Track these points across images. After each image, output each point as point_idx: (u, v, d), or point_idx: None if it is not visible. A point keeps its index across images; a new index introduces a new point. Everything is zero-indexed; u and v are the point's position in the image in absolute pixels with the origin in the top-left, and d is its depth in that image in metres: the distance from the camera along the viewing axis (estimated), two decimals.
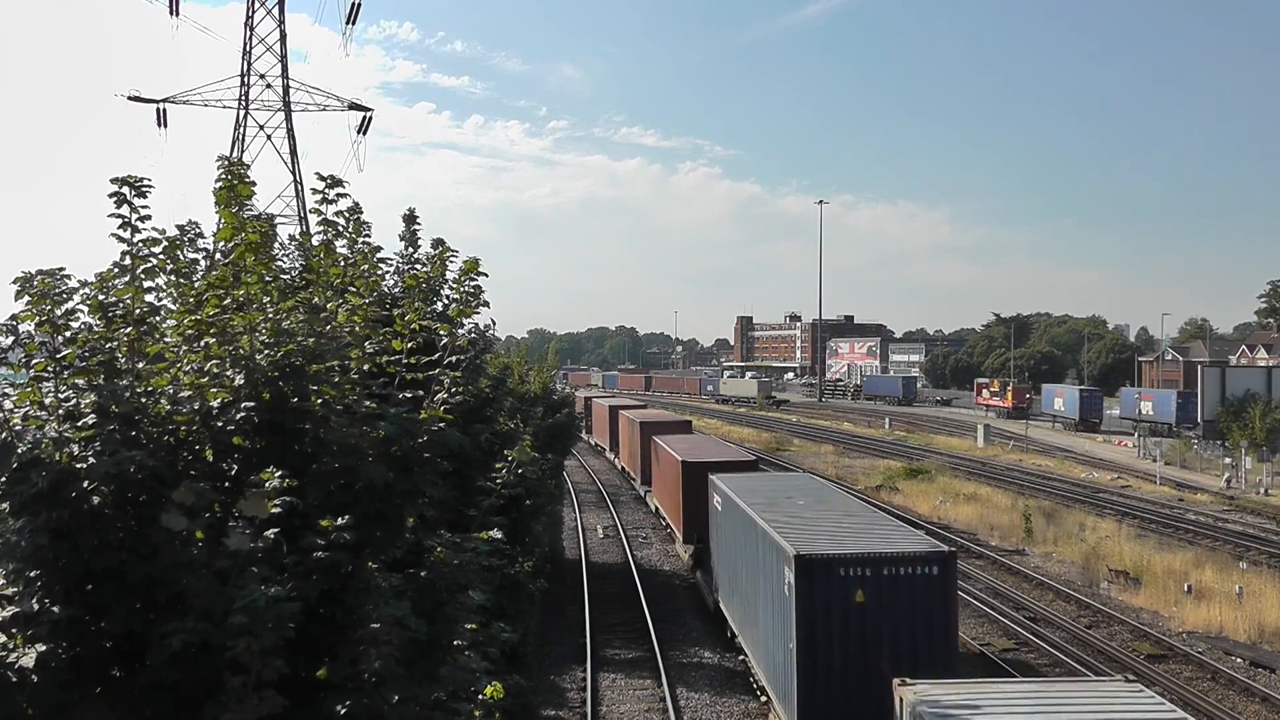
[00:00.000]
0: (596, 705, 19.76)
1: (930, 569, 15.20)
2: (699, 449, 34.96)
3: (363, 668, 5.16)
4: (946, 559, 15.37)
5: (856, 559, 15.30)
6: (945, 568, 15.29)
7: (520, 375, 27.24)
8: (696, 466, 30.35)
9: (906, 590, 15.09)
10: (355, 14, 62.74)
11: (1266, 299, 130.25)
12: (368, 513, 5.40)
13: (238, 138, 57.97)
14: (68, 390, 5.09)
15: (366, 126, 61.76)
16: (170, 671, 4.67)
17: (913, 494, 45.94)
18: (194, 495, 4.83)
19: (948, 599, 15.37)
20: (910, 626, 15.02)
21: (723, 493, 23.04)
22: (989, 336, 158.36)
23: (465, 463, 8.65)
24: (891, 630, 14.97)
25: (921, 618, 15.06)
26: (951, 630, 15.55)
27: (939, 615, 15.17)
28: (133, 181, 5.51)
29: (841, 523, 18.38)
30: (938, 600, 15.20)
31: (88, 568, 4.72)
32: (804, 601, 15.08)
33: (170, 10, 60.67)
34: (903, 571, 15.16)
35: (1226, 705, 19.90)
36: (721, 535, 23.59)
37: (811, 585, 15.09)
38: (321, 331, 5.78)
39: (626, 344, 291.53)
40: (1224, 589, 27.41)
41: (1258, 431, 59.92)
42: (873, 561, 15.24)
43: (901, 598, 15.07)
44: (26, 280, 5.19)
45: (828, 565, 15.19)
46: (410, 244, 9.15)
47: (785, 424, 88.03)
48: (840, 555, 15.39)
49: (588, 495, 48.54)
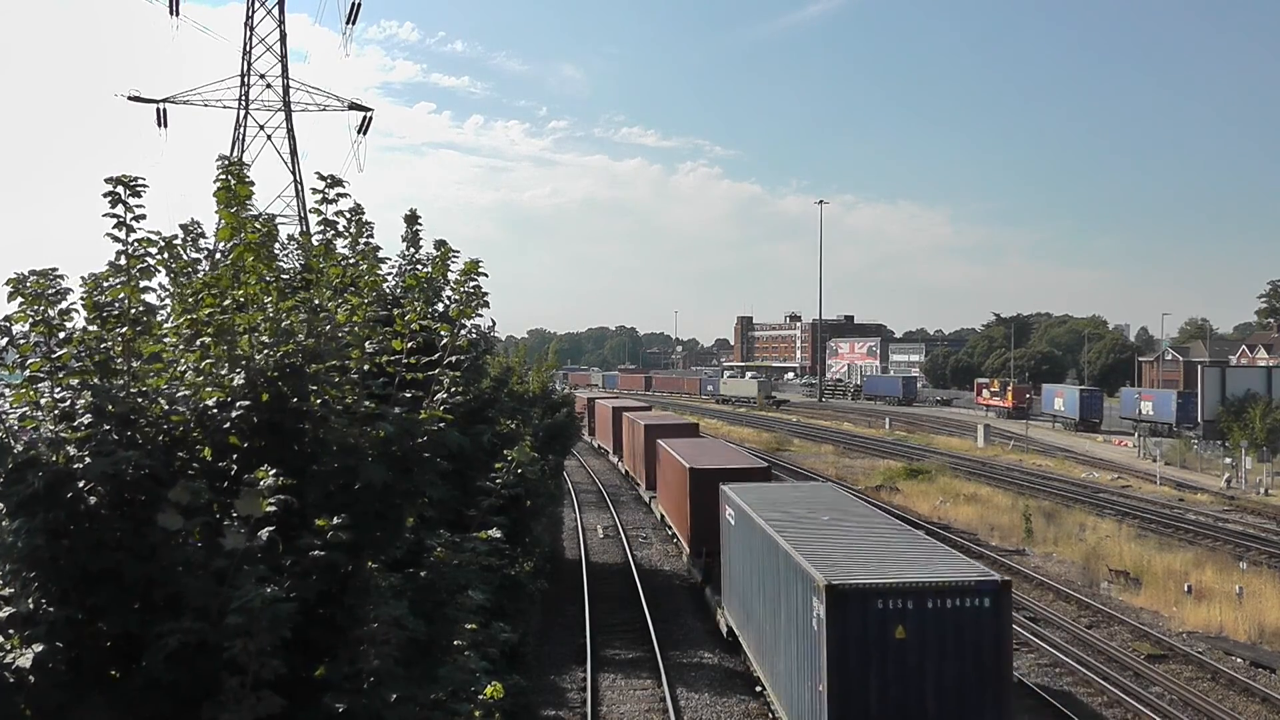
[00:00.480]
0: (596, 705, 19.74)
1: (981, 601, 13.68)
2: (708, 454, 32.87)
3: (361, 668, 5.14)
4: (1000, 590, 13.84)
5: (896, 589, 13.66)
6: (998, 600, 13.76)
7: (520, 376, 27.23)
8: (706, 474, 28.32)
9: (954, 625, 13.64)
10: (355, 14, 62.84)
11: (1266, 299, 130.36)
12: (367, 513, 5.40)
13: (238, 138, 58.03)
14: (63, 391, 5.07)
15: (366, 126, 61.85)
16: (168, 672, 4.66)
17: (913, 494, 45.94)
18: (191, 495, 4.81)
19: (1001, 635, 13.87)
20: (958, 666, 13.62)
21: (736, 505, 21.27)
22: (989, 337, 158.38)
23: (466, 463, 8.64)
24: (936, 670, 13.57)
25: (971, 656, 13.64)
26: (1005, 671, 14.02)
27: (990, 654, 13.70)
28: (127, 181, 5.49)
29: (875, 544, 16.53)
30: (989, 637, 13.72)
31: (84, 568, 4.71)
32: (836, 638, 13.51)
33: (170, 10, 60.75)
34: (950, 604, 13.63)
35: (1227, 705, 19.88)
36: (734, 552, 21.64)
37: (845, 619, 13.50)
38: (321, 331, 5.77)
39: (626, 344, 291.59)
40: (1224, 589, 27.40)
41: (1258, 431, 59.90)
42: (915, 592, 13.64)
43: (948, 634, 13.63)
44: (19, 281, 5.18)
45: (863, 597, 13.57)
46: (412, 244, 9.14)
47: (785, 424, 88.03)
48: (878, 585, 13.74)
49: (588, 495, 48.54)
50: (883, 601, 13.56)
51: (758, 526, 18.41)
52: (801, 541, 16.28)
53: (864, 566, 14.70)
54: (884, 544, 16.48)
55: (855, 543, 16.55)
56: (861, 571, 14.38)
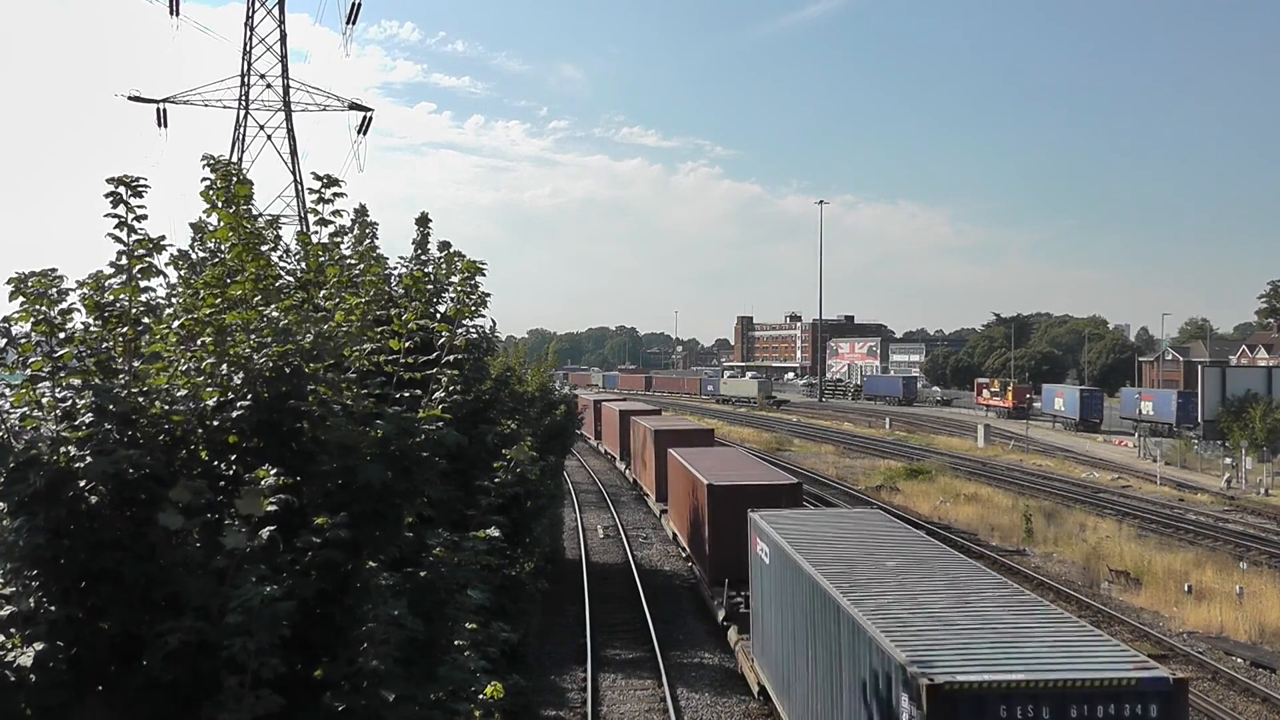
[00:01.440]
0: (597, 705, 19.75)
1: (1146, 710, 9.87)
2: (729, 468, 28.75)
3: (360, 667, 5.15)
4: (1172, 695, 9.90)
5: (1024, 691, 9.85)
6: (1169, 707, 9.88)
7: (520, 376, 27.23)
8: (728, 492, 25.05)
9: None
10: (355, 14, 62.62)
11: (1266, 299, 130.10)
12: (366, 512, 5.41)
13: (238, 138, 57.96)
14: (64, 390, 5.08)
15: (367, 126, 61.73)
16: (167, 671, 4.67)
17: (913, 494, 45.95)
18: (191, 494, 4.82)
19: None
20: None
21: (772, 541, 17.23)
22: (989, 337, 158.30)
23: (468, 463, 8.66)
24: None
25: None
26: None
27: None
28: (129, 181, 5.50)
29: (976, 611, 12.31)
30: None
31: (85, 567, 4.72)
32: None
33: (170, 10, 60.60)
34: (1101, 713, 9.84)
35: (1227, 705, 19.88)
36: (770, 599, 17.74)
37: None
38: (319, 330, 5.77)
39: (627, 344, 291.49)
40: (1224, 589, 27.41)
41: (1258, 431, 59.88)
42: (1052, 696, 9.83)
43: None
44: (20, 281, 5.19)
45: (979, 703, 9.80)
46: (420, 247, 9.20)
47: (786, 424, 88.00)
48: (998, 685, 9.91)
49: (588, 495, 48.54)
50: (1006, 708, 9.88)
51: (805, 575, 14.80)
52: (875, 608, 12.49)
53: (971, 651, 10.83)
54: (987, 609, 12.46)
55: (947, 608, 12.54)
56: (969, 660, 10.52)
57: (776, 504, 22.26)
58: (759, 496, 23.13)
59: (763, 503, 21.66)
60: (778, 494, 24.24)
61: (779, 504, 22.45)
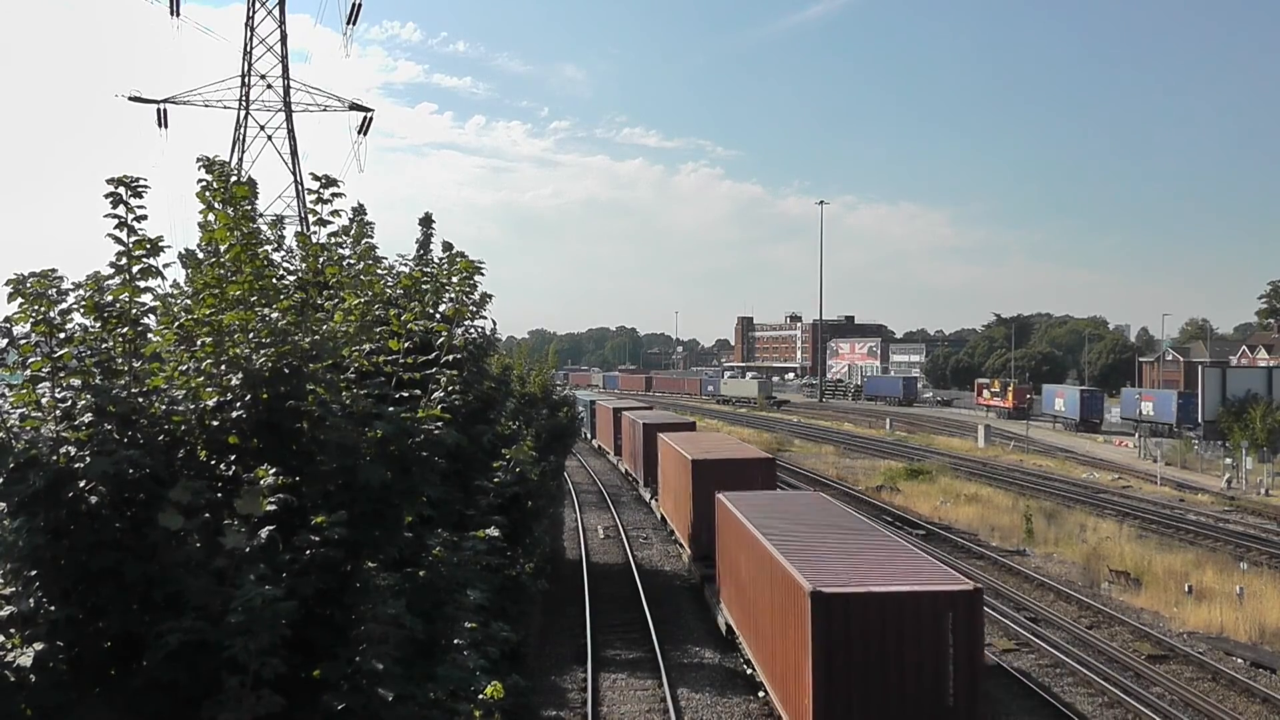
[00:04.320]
0: (597, 705, 19.74)
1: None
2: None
3: (360, 667, 5.15)
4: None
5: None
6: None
7: (520, 376, 27.23)
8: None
9: None
10: (356, 14, 62.68)
11: (1266, 299, 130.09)
12: (365, 512, 5.41)
13: (238, 138, 57.99)
14: (64, 391, 5.09)
15: (367, 127, 61.75)
16: (168, 671, 4.68)
17: (914, 495, 45.94)
18: (191, 494, 4.83)
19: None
20: None
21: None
22: (990, 337, 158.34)
23: (466, 463, 8.66)
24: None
25: None
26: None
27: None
28: (129, 181, 5.50)
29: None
30: None
31: (85, 567, 4.73)
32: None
33: (171, 10, 60.65)
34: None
35: (1227, 706, 19.87)
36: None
37: None
38: (318, 331, 5.78)
39: (627, 344, 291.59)
40: (1225, 589, 27.39)
41: (1258, 432, 59.85)
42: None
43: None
44: (19, 282, 5.19)
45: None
46: (424, 247, 9.21)
47: (786, 424, 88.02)
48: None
49: (588, 496, 48.54)
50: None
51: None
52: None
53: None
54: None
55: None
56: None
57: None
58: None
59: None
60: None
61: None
